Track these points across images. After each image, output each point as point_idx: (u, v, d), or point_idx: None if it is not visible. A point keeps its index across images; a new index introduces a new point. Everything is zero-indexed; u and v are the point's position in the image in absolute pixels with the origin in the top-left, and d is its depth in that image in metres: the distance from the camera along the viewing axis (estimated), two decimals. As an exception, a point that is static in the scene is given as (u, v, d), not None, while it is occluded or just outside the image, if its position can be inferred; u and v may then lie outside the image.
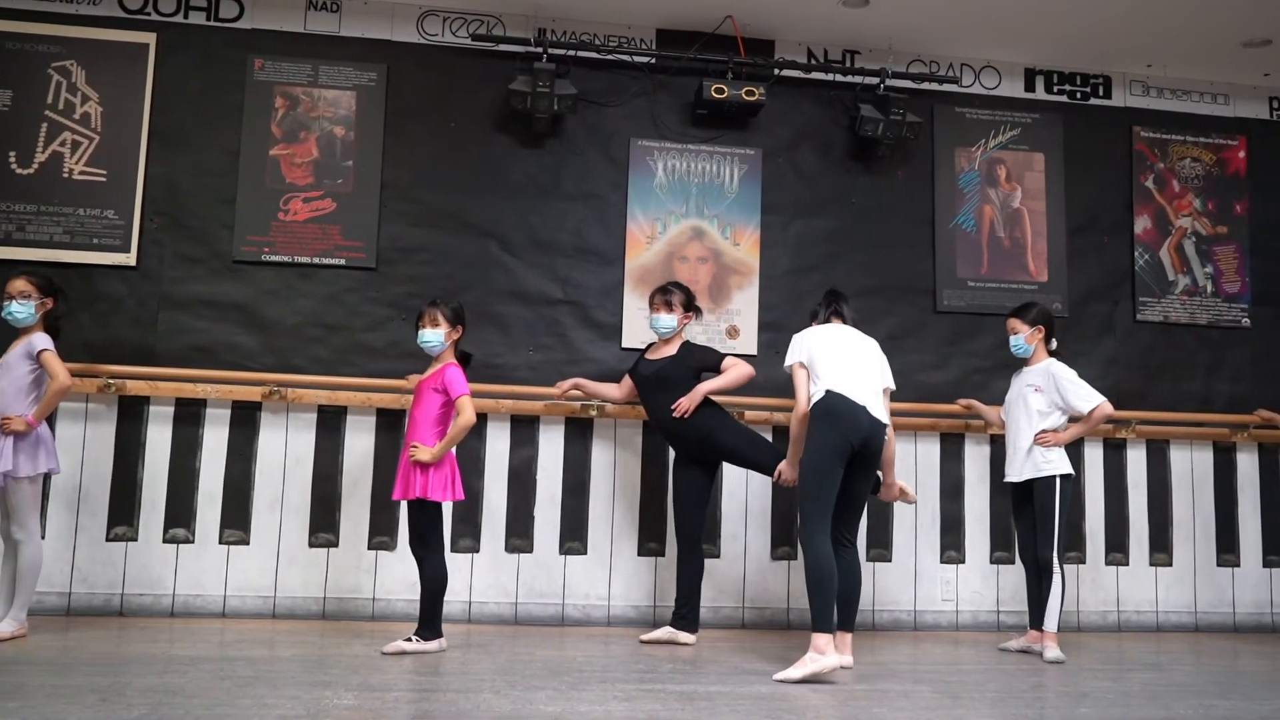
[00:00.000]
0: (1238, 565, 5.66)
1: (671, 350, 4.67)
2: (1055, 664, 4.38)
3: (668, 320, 4.66)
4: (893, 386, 4.24)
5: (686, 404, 4.50)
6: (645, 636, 4.57)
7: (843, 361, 4.10)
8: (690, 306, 4.74)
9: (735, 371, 4.61)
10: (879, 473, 4.28)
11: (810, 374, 4.14)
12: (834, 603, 3.93)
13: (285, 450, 5.00)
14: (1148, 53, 5.72)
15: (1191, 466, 5.68)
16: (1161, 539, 5.61)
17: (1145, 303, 5.79)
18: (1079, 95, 5.89)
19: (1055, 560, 4.51)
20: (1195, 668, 4.49)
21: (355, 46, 5.29)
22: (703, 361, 4.64)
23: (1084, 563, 5.50)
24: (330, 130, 5.23)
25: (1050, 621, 4.52)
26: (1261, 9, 5.13)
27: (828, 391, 4.00)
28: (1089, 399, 4.59)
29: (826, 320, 4.34)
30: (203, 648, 4.09)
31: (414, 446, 4.09)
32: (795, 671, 3.79)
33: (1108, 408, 4.61)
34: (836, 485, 3.96)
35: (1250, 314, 5.88)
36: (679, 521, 4.67)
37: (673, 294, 4.69)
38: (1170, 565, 5.60)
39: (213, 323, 5.04)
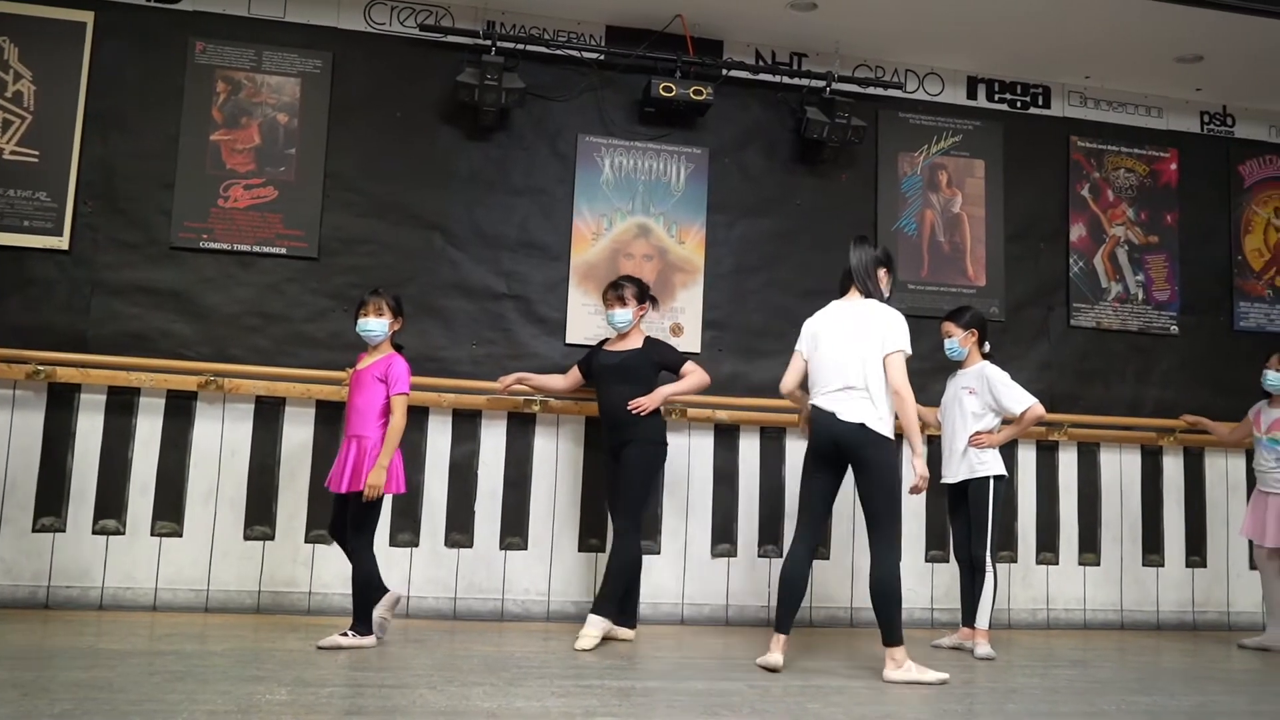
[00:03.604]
0: (1162, 565, 5.83)
1: (636, 344, 4.70)
2: (986, 660, 4.47)
3: (623, 314, 4.67)
4: (893, 350, 3.97)
5: (647, 403, 4.54)
6: (581, 645, 4.30)
7: (825, 361, 4.10)
8: (644, 297, 4.75)
9: (695, 378, 4.68)
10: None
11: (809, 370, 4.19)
12: (787, 606, 4.01)
13: (221, 441, 4.91)
14: (1086, 65, 5.86)
15: (1120, 469, 5.83)
16: (1090, 539, 5.75)
17: (1079, 309, 5.92)
18: (1019, 104, 6.01)
19: (988, 559, 4.61)
20: (1120, 664, 4.62)
21: (300, 33, 5.22)
22: (665, 359, 4.69)
23: (1015, 562, 5.62)
24: (273, 117, 5.14)
25: (982, 619, 4.61)
26: (1193, 27, 5.27)
27: (812, 405, 4.11)
28: (1021, 401, 4.69)
29: (843, 286, 4.21)
30: (131, 642, 4.01)
31: (369, 486, 4.02)
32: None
33: (1039, 409, 4.72)
34: (811, 490, 4.08)
35: (1178, 321, 6.05)
36: (611, 512, 4.72)
37: (624, 288, 4.70)
38: (1098, 565, 5.75)
39: (148, 310, 4.93)
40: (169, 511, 4.83)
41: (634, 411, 4.53)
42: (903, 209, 5.78)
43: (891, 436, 3.99)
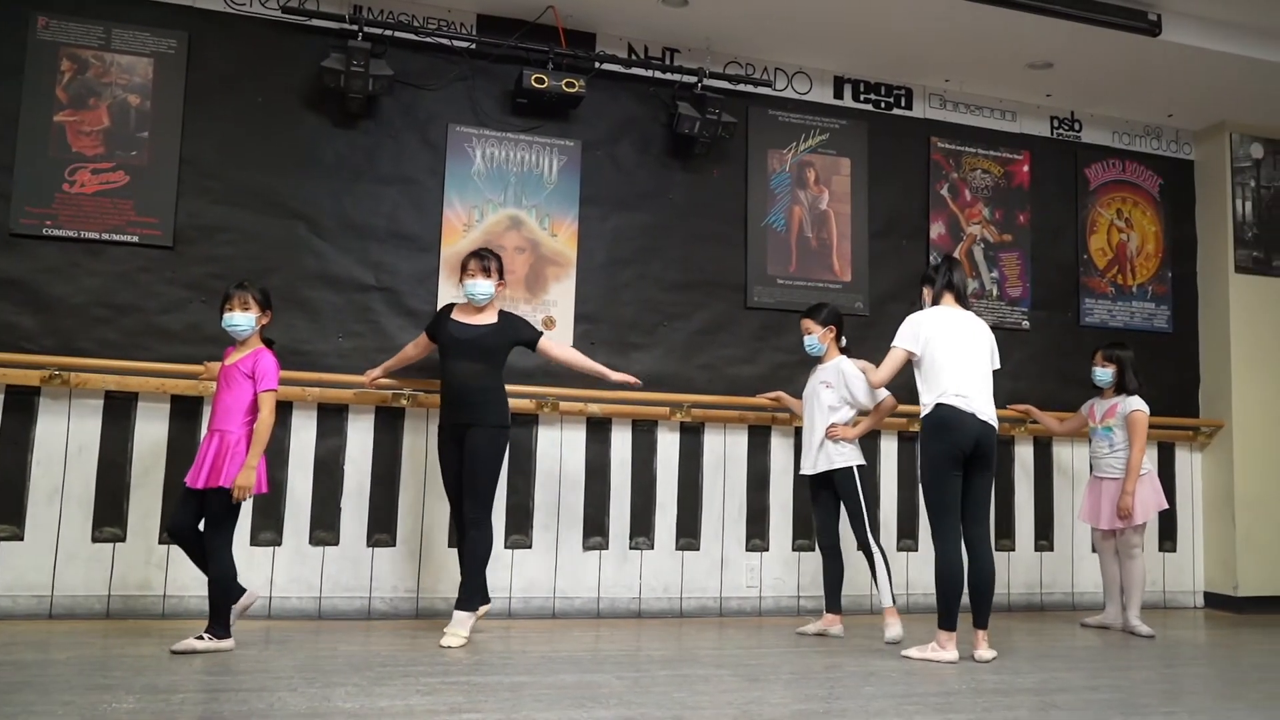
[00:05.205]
0: (1013, 550, 6.11)
1: (491, 318, 4.56)
2: (894, 643, 4.61)
3: (486, 286, 4.53)
4: (998, 366, 4.53)
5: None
6: (448, 643, 4.24)
7: (957, 361, 4.36)
8: (502, 275, 4.68)
9: (573, 351, 4.90)
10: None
11: (921, 369, 4.42)
12: (958, 601, 4.28)
13: (67, 438, 4.67)
14: (945, 69, 6.07)
15: (976, 458, 6.07)
16: (947, 526, 5.98)
17: (938, 304, 6.14)
18: (883, 105, 6.20)
19: (872, 542, 4.76)
20: (973, 645, 4.81)
21: (153, 10, 4.97)
22: (521, 335, 4.59)
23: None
24: (124, 98, 4.90)
25: (886, 598, 4.75)
26: (1044, 35, 5.53)
27: (938, 404, 4.34)
28: (874, 393, 4.86)
29: (940, 295, 4.56)
30: (-34, 652, 3.78)
31: (238, 488, 3.91)
32: (915, 652, 4.30)
33: (892, 401, 4.92)
34: (956, 490, 4.34)
35: (1029, 317, 6.34)
36: (454, 500, 4.61)
37: (490, 260, 4.57)
38: (954, 550, 5.98)
39: (-15, 300, 4.65)
40: (8, 514, 4.56)
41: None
42: (772, 205, 5.89)
43: None
